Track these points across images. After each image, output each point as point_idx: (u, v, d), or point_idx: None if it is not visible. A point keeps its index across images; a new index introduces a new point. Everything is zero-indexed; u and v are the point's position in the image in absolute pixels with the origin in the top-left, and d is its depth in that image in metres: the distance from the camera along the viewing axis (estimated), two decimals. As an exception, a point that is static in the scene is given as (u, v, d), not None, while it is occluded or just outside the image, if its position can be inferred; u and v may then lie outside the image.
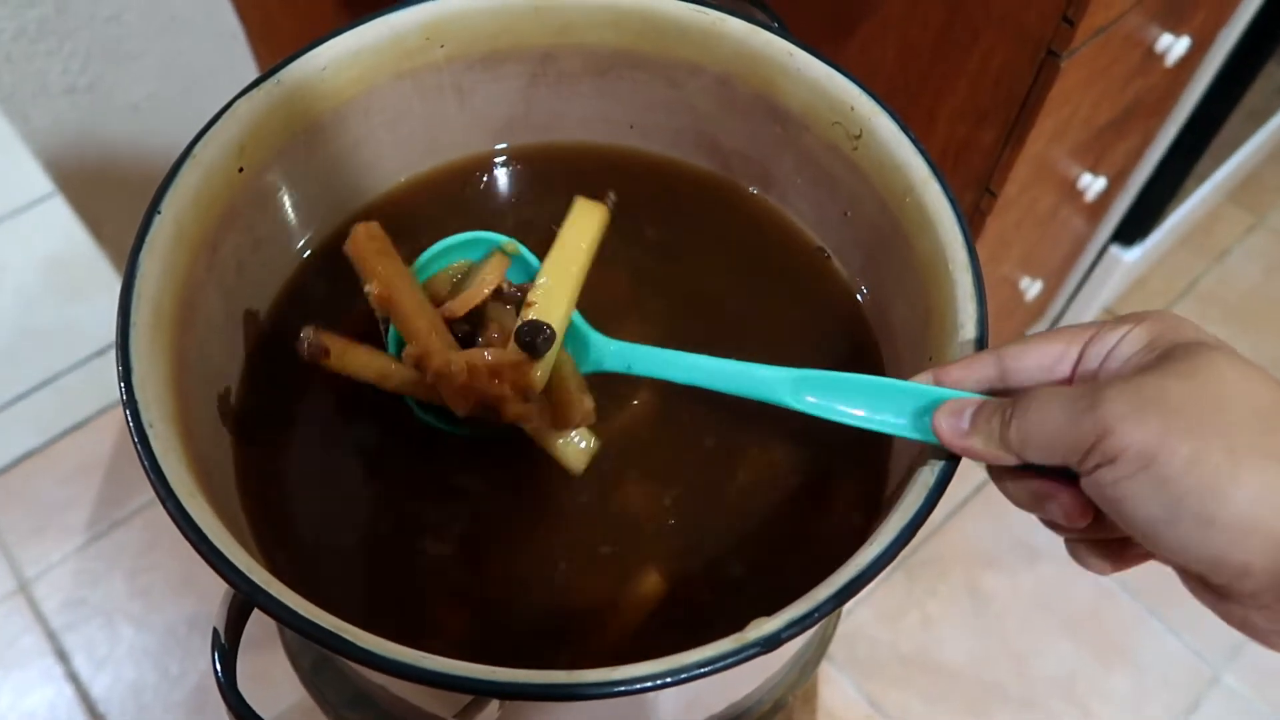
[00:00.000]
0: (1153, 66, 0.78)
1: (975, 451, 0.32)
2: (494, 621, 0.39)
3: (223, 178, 0.41)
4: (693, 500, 0.42)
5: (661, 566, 0.40)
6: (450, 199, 0.52)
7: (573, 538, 0.41)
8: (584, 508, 0.42)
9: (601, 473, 0.42)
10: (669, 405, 0.44)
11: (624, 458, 0.43)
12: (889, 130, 0.42)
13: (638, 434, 0.44)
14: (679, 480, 0.42)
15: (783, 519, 0.42)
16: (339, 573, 0.40)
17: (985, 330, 0.37)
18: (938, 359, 0.38)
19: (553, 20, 0.47)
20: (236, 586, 0.30)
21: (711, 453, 0.43)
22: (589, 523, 0.41)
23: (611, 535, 0.41)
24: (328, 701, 0.46)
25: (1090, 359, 0.32)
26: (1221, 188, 1.23)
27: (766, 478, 0.43)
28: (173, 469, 0.32)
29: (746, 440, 0.43)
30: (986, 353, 0.35)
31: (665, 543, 0.41)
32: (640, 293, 0.48)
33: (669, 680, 0.28)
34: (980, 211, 0.77)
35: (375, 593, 0.40)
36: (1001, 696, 1.01)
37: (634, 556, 0.40)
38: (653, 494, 0.42)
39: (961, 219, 0.39)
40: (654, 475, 0.43)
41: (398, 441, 0.43)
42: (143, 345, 0.35)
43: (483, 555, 0.41)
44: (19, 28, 0.77)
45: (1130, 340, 0.31)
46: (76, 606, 1.02)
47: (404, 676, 0.28)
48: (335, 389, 0.45)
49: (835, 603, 0.30)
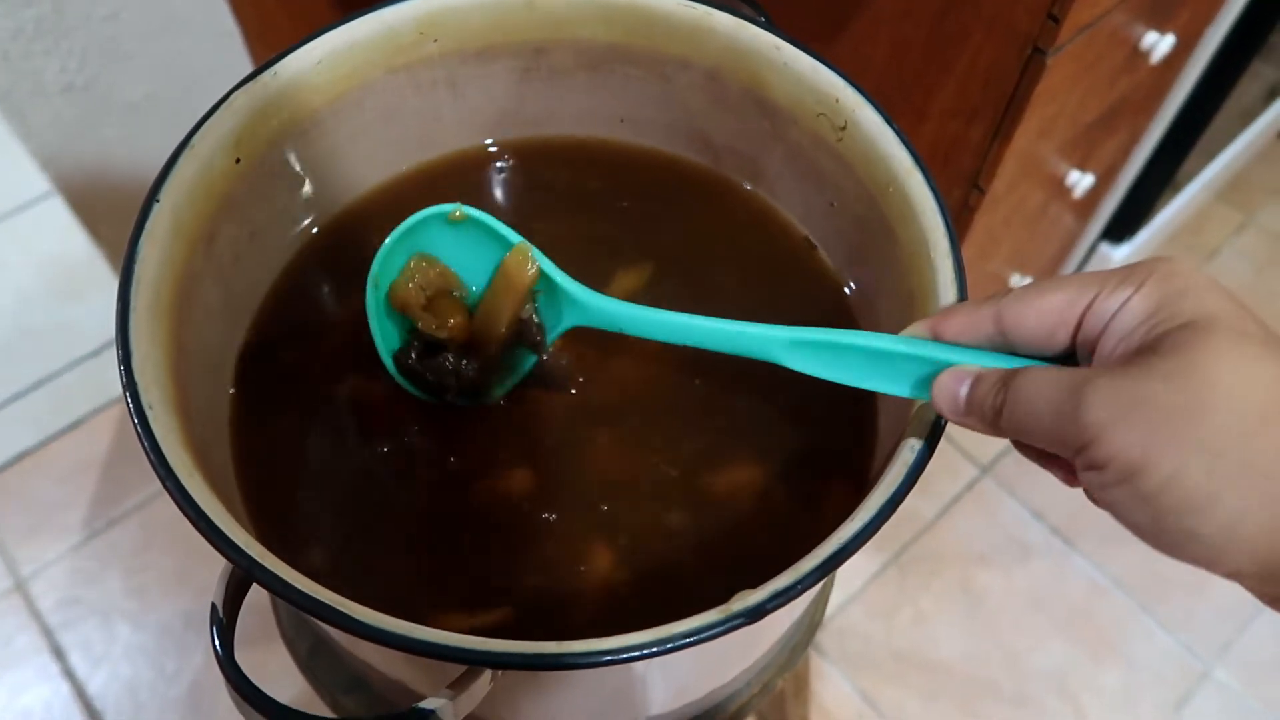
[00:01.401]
0: (1139, 64, 0.79)
1: (975, 428, 0.32)
2: (489, 597, 0.39)
3: (220, 169, 0.42)
4: (677, 479, 0.43)
5: (650, 539, 0.41)
6: (444, 192, 0.52)
7: (553, 509, 0.42)
8: (562, 477, 0.43)
9: (581, 440, 0.43)
10: (658, 389, 0.45)
11: (605, 425, 0.44)
12: (873, 122, 0.43)
13: (623, 415, 0.44)
14: (669, 454, 0.43)
15: (769, 495, 0.42)
16: (336, 553, 0.41)
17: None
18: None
19: (544, 15, 0.48)
20: (235, 561, 0.30)
21: (695, 435, 0.44)
22: (567, 492, 0.42)
23: (595, 505, 0.42)
24: (323, 685, 0.46)
25: (1090, 325, 0.31)
26: (1210, 186, 1.24)
27: (751, 462, 0.43)
28: (172, 450, 0.33)
29: (734, 426, 0.44)
30: (987, 307, 0.33)
31: (656, 515, 0.42)
32: (628, 285, 0.49)
33: (654, 650, 0.29)
34: (969, 208, 0.78)
35: (368, 574, 0.41)
36: (994, 692, 1.02)
37: (622, 528, 0.41)
38: (643, 466, 0.43)
39: (944, 208, 0.40)
40: (640, 444, 0.43)
41: (391, 427, 0.44)
42: (142, 330, 0.36)
43: (484, 535, 0.41)
44: (16, 27, 0.77)
45: (1131, 312, 0.30)
46: (72, 605, 1.02)
47: (397, 646, 0.29)
48: (330, 376, 0.46)
49: (819, 574, 0.30)
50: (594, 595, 0.40)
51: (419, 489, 0.43)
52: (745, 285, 0.49)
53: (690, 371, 0.45)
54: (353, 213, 0.51)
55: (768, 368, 0.37)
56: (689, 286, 0.49)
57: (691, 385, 0.45)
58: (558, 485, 0.43)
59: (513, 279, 0.42)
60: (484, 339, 0.42)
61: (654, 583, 0.40)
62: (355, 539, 0.41)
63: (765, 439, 0.44)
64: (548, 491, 0.42)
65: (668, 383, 0.45)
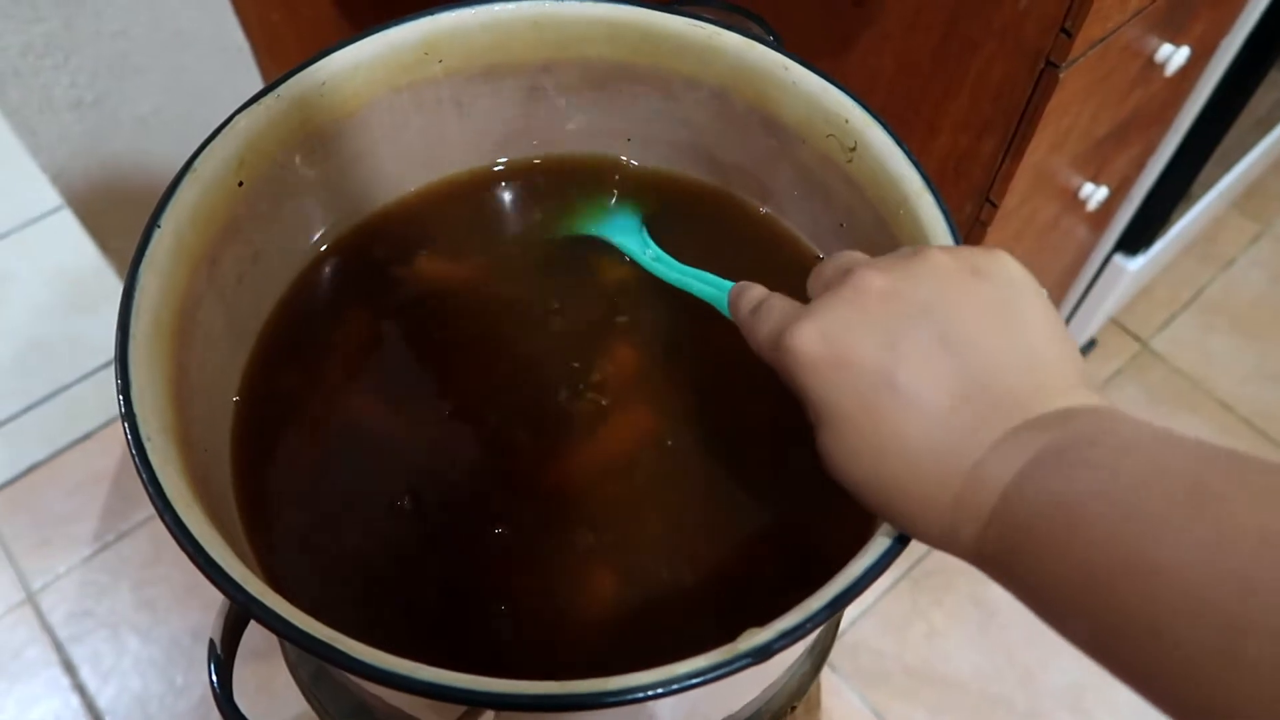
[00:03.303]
0: (1153, 76, 0.78)
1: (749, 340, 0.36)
2: (495, 631, 0.39)
3: (222, 192, 0.42)
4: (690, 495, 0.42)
5: (664, 566, 0.40)
6: (450, 213, 0.52)
7: (570, 541, 0.41)
8: (571, 513, 0.42)
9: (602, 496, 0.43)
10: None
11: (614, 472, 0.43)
12: (883, 143, 0.42)
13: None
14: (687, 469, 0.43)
15: (779, 518, 0.42)
16: (337, 584, 0.40)
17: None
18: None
19: (550, 34, 0.47)
20: (232, 598, 0.30)
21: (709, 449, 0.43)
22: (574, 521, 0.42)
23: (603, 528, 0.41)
24: (327, 712, 0.46)
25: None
26: (1226, 196, 1.23)
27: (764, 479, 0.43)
28: (170, 481, 0.33)
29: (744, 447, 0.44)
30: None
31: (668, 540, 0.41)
32: (635, 306, 0.48)
33: (660, 691, 0.28)
34: (981, 222, 0.77)
35: (373, 604, 0.40)
36: (1007, 708, 1.01)
37: (635, 559, 0.41)
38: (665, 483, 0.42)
39: (954, 231, 0.39)
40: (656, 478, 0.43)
41: (398, 455, 0.44)
42: (141, 358, 0.35)
43: (486, 565, 0.41)
44: (26, 43, 0.78)
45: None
46: (82, 618, 1.02)
47: (398, 687, 0.28)
48: (334, 401, 0.45)
49: (828, 613, 0.30)
50: (599, 628, 0.39)
51: (429, 521, 0.42)
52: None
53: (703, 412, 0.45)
54: (357, 233, 0.50)
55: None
56: (699, 304, 0.48)
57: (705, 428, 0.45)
58: (568, 519, 0.42)
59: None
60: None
61: (657, 614, 0.39)
62: (361, 570, 0.41)
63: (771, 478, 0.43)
64: (558, 525, 0.42)
65: (683, 432, 0.45)
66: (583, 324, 0.48)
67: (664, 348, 0.47)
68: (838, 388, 0.30)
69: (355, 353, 0.47)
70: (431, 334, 0.48)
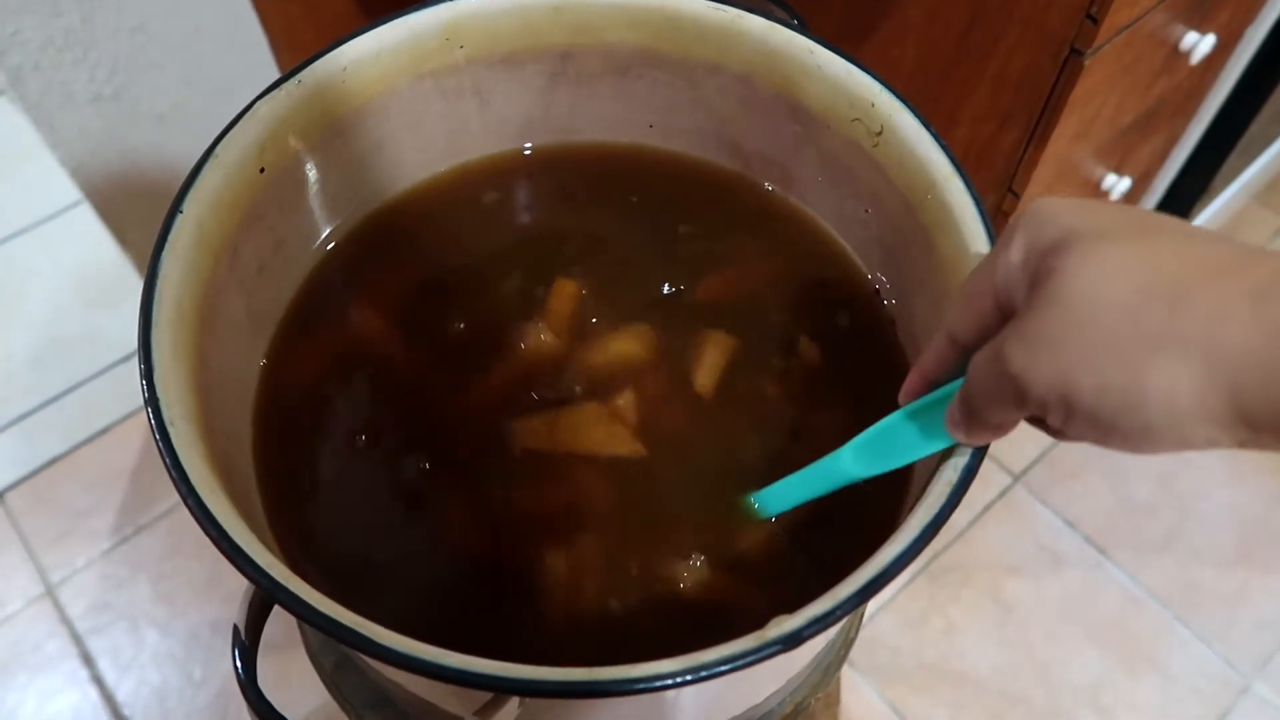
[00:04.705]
0: (1178, 65, 0.77)
1: (991, 436, 0.33)
2: (520, 620, 0.39)
3: (244, 178, 0.41)
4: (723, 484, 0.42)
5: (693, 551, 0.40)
6: (471, 200, 0.52)
7: (596, 528, 0.41)
8: (593, 503, 0.42)
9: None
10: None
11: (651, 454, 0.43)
12: (910, 126, 0.42)
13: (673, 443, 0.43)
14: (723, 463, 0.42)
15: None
16: (359, 569, 0.40)
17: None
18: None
19: (571, 20, 0.47)
20: (256, 583, 0.30)
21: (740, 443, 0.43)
22: (606, 515, 0.41)
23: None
24: (349, 702, 0.46)
25: (1002, 295, 0.32)
26: (1249, 188, 1.21)
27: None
28: (194, 466, 0.32)
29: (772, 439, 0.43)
30: (939, 334, 0.35)
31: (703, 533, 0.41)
32: (661, 289, 0.48)
33: (689, 678, 0.28)
34: (1003, 213, 0.76)
35: (396, 589, 0.40)
36: (1026, 705, 1.00)
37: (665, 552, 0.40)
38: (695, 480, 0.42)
39: (984, 216, 0.39)
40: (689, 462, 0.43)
41: (419, 442, 0.43)
42: (164, 344, 0.35)
43: (509, 553, 0.40)
44: (46, 37, 0.78)
45: (1010, 263, 0.31)
46: (101, 611, 1.03)
47: (422, 673, 0.28)
48: (355, 389, 0.45)
49: (857, 600, 0.29)
50: (625, 618, 0.39)
51: (450, 506, 0.42)
52: (777, 289, 0.48)
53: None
54: (379, 220, 0.50)
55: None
56: (722, 290, 0.48)
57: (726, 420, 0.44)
58: (590, 508, 0.42)
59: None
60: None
61: (682, 603, 0.39)
62: (382, 556, 0.40)
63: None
64: (579, 514, 0.41)
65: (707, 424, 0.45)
66: (606, 309, 0.47)
67: (694, 329, 0.47)
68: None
69: (375, 341, 0.46)
70: (453, 321, 0.47)
